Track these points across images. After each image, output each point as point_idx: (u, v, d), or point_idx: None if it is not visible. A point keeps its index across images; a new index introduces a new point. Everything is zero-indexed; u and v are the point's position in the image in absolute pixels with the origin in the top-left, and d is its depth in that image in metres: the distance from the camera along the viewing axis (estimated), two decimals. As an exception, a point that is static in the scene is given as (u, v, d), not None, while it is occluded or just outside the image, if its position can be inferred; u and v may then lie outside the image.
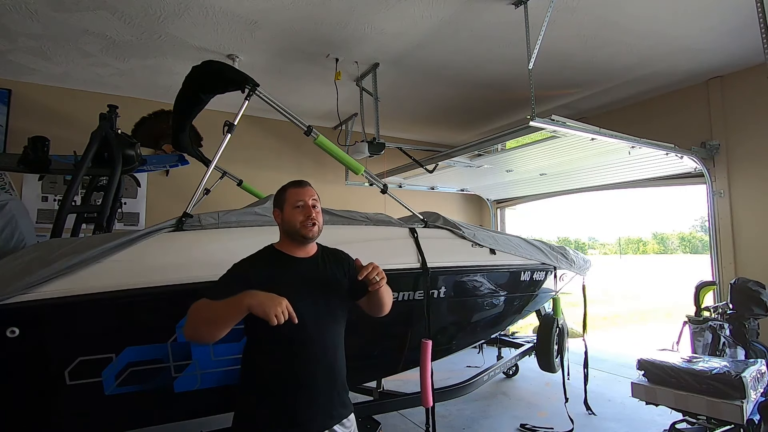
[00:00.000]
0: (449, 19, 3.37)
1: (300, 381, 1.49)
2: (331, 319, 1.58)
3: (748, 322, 3.39)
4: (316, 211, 1.60)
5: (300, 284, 1.54)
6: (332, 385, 1.56)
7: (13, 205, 2.07)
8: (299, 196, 1.61)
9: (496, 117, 5.88)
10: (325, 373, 1.54)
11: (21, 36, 3.52)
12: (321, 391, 1.52)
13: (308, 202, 1.60)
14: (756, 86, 4.21)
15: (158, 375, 1.83)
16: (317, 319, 1.53)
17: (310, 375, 1.51)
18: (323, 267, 1.63)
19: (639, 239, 67.20)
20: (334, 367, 1.56)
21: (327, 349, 1.55)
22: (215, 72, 2.22)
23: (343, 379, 1.61)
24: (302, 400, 1.49)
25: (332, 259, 1.68)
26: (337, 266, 1.66)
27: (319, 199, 1.67)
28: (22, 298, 1.57)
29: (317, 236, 1.61)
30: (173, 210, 2.10)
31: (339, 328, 1.62)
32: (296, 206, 1.59)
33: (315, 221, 1.58)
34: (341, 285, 1.63)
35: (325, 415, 1.53)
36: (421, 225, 2.71)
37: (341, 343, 1.62)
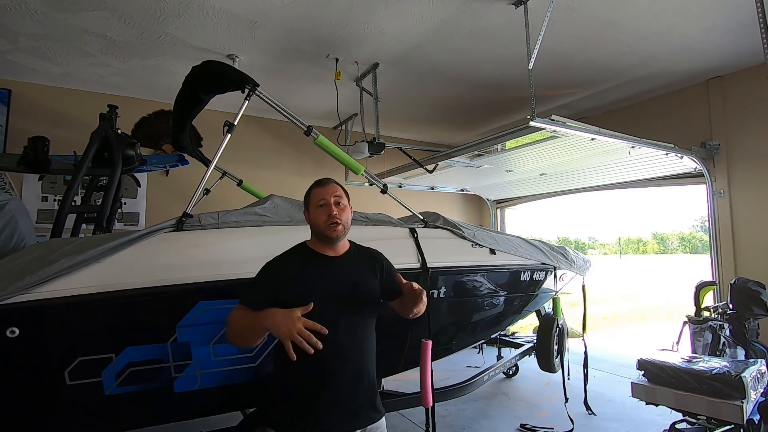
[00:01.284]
0: (449, 19, 3.37)
1: (325, 380, 1.48)
2: (359, 318, 1.57)
3: (748, 322, 3.39)
4: (339, 208, 1.58)
5: (329, 283, 1.54)
6: (358, 386, 1.52)
7: (13, 205, 2.07)
8: (321, 194, 1.60)
9: (496, 117, 5.88)
10: (352, 374, 1.51)
11: (21, 36, 3.52)
12: (346, 392, 1.50)
13: (330, 200, 1.58)
14: (756, 86, 4.21)
15: (158, 375, 1.83)
16: (344, 319, 1.52)
17: (335, 375, 1.49)
18: (354, 266, 1.62)
19: (639, 239, 67.24)
20: (361, 367, 1.54)
21: (354, 348, 1.53)
22: (215, 72, 2.22)
23: (372, 381, 1.58)
24: (326, 400, 1.47)
25: (364, 258, 1.67)
26: (370, 266, 1.65)
27: (346, 194, 1.65)
28: (22, 298, 1.56)
29: (342, 235, 1.59)
30: (173, 210, 2.10)
31: (367, 329, 1.60)
32: (319, 206, 1.59)
33: (338, 220, 1.56)
34: (372, 285, 1.61)
35: (350, 416, 1.50)
36: (421, 225, 2.71)
37: (370, 344, 1.60)
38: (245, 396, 2.17)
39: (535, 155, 4.44)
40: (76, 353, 1.69)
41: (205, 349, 1.90)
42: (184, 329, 1.84)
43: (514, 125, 3.43)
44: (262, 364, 2.03)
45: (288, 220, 2.26)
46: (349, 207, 1.65)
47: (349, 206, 1.65)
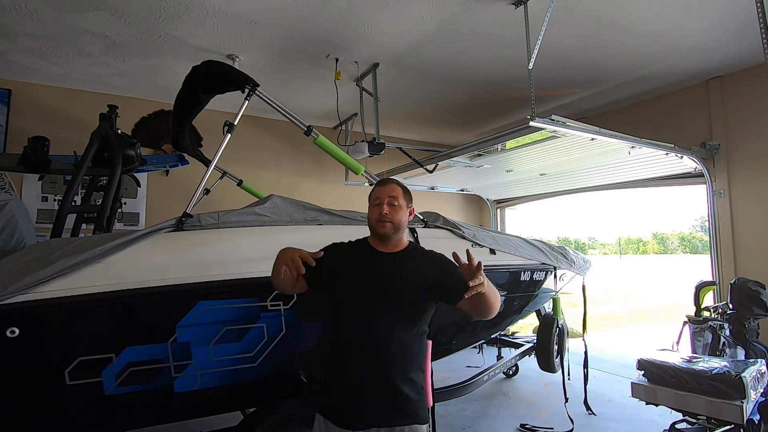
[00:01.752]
0: (449, 19, 3.37)
1: (347, 372, 1.53)
2: (392, 318, 1.56)
3: (748, 322, 3.39)
4: (392, 208, 1.63)
5: (369, 278, 1.60)
6: (383, 384, 1.51)
7: (13, 205, 2.07)
8: (378, 193, 1.67)
9: (496, 117, 5.88)
10: (377, 371, 1.51)
11: (21, 36, 3.52)
12: (370, 387, 1.51)
13: (384, 199, 1.64)
14: (756, 86, 4.21)
15: (158, 375, 1.83)
16: (379, 313, 1.55)
17: (358, 368, 1.52)
18: (403, 266, 1.63)
19: (639, 239, 67.23)
20: (388, 366, 1.52)
21: (381, 346, 1.53)
22: (215, 72, 2.22)
23: (404, 384, 1.52)
24: (349, 390, 1.52)
25: (419, 261, 1.67)
26: (423, 269, 1.64)
27: (404, 195, 1.69)
28: (22, 298, 1.56)
29: (391, 232, 1.63)
30: (173, 210, 2.10)
31: (402, 330, 1.57)
32: (375, 204, 1.67)
33: (388, 219, 1.61)
34: (417, 288, 1.59)
35: (374, 414, 1.50)
36: (421, 225, 2.71)
37: (405, 346, 1.56)
38: (245, 396, 2.17)
39: (535, 155, 4.44)
40: (76, 353, 1.69)
41: (205, 349, 1.90)
42: (184, 329, 1.84)
43: (514, 125, 3.43)
44: (262, 364, 2.03)
45: (288, 220, 2.26)
46: (405, 208, 1.68)
47: (405, 207, 1.68)
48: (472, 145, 4.15)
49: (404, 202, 1.68)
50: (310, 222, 2.33)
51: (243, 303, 1.96)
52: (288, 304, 2.04)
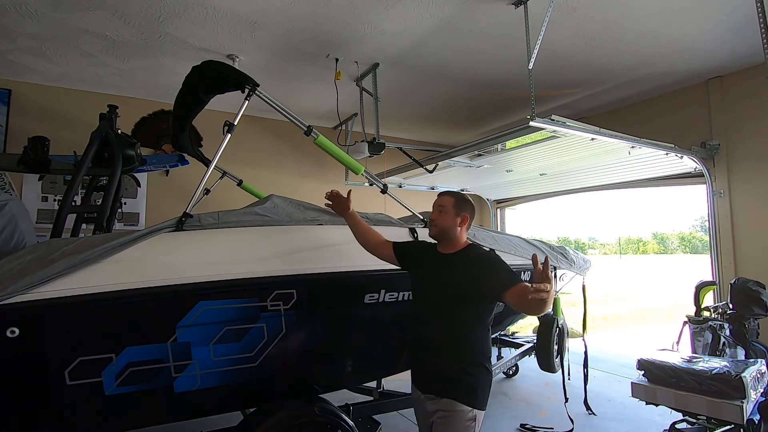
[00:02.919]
0: (449, 19, 3.37)
1: (417, 349, 1.94)
2: (442, 309, 1.83)
3: (748, 322, 3.40)
4: (439, 214, 1.94)
5: (428, 272, 1.94)
6: (441, 364, 1.82)
7: (13, 205, 2.07)
8: (434, 202, 2.00)
9: (496, 117, 5.88)
10: (434, 352, 1.84)
11: (21, 36, 3.52)
12: (431, 363, 1.86)
13: (435, 207, 1.97)
14: (756, 86, 4.21)
15: (158, 375, 1.83)
16: (434, 304, 1.87)
17: (421, 347, 1.91)
18: (453, 265, 1.87)
19: (639, 239, 67.20)
20: (442, 349, 1.81)
21: (429, 331, 1.86)
22: (215, 72, 2.21)
23: (457, 369, 1.78)
24: (419, 363, 1.94)
25: (469, 261, 1.86)
26: (475, 268, 1.81)
27: (455, 204, 1.94)
28: (22, 298, 1.56)
29: (435, 234, 1.94)
30: (173, 210, 2.10)
31: (448, 320, 1.81)
32: (432, 213, 1.99)
33: (434, 224, 1.94)
34: (462, 287, 1.79)
35: (432, 378, 1.84)
36: (421, 225, 2.71)
37: (456, 334, 1.80)
38: (245, 396, 2.18)
39: (535, 155, 4.44)
40: (76, 353, 1.69)
41: (205, 349, 1.90)
42: (184, 329, 1.84)
43: (514, 125, 3.43)
44: (262, 364, 2.03)
45: (288, 220, 2.26)
46: (453, 215, 1.92)
47: (454, 214, 1.92)
48: (472, 145, 4.15)
49: (453, 210, 1.93)
50: (310, 222, 2.33)
51: (243, 303, 1.96)
52: (288, 304, 2.04)
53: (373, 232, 2.19)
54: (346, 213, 2.18)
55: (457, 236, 1.93)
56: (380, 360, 2.58)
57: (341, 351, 2.38)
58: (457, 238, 1.94)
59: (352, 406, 2.63)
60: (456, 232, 1.93)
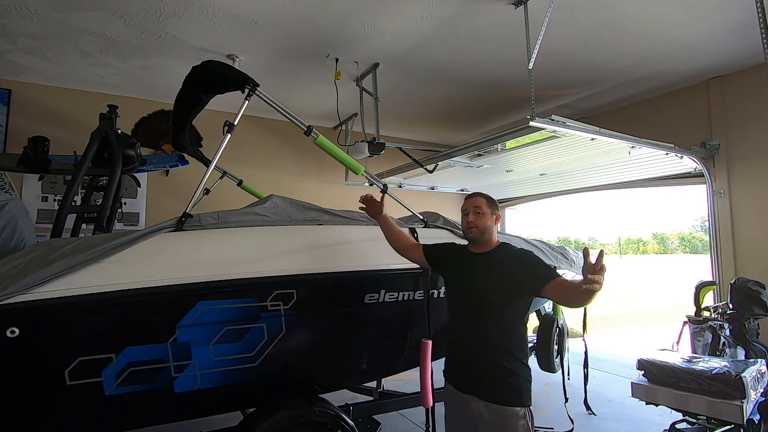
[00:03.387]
0: (449, 19, 3.37)
1: (453, 346, 1.97)
2: (479, 308, 1.85)
3: (748, 322, 3.39)
4: (477, 216, 1.94)
5: (462, 271, 1.96)
6: (478, 362, 1.82)
7: (13, 205, 2.07)
8: (466, 205, 2.01)
9: (496, 117, 5.88)
10: (473, 349, 1.84)
11: (21, 36, 3.52)
12: (469, 361, 1.86)
13: (470, 209, 1.97)
14: (756, 86, 4.21)
15: (158, 375, 1.83)
16: (470, 303, 1.88)
17: (458, 344, 1.93)
18: (490, 264, 1.88)
19: (639, 239, 67.18)
20: (478, 348, 1.82)
21: (472, 329, 1.85)
22: (215, 72, 2.21)
23: (500, 367, 1.77)
24: (455, 359, 1.96)
25: (508, 259, 1.88)
26: (510, 265, 1.84)
27: (488, 204, 1.97)
28: (22, 298, 1.56)
29: (478, 236, 1.94)
30: (173, 210, 2.10)
31: (489, 319, 1.82)
32: (464, 214, 2.00)
33: (473, 225, 1.94)
34: (499, 285, 1.80)
35: (475, 380, 1.82)
36: (421, 225, 2.71)
37: (494, 333, 1.81)
38: (245, 396, 2.18)
39: (535, 155, 4.44)
40: (76, 353, 1.69)
41: (205, 349, 1.90)
42: (184, 329, 1.84)
43: (514, 125, 3.43)
44: (262, 364, 2.03)
45: (288, 220, 2.26)
46: (489, 214, 1.95)
47: (490, 214, 1.96)
48: (472, 145, 4.15)
49: (488, 210, 1.96)
50: (310, 222, 2.33)
51: (243, 303, 1.96)
52: (288, 304, 2.04)
53: (405, 235, 2.26)
54: (379, 216, 2.24)
55: (493, 235, 1.97)
56: (380, 360, 2.58)
57: (341, 351, 2.38)
58: (492, 237, 1.97)
59: (352, 406, 2.63)
60: (492, 231, 1.97)
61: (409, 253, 2.18)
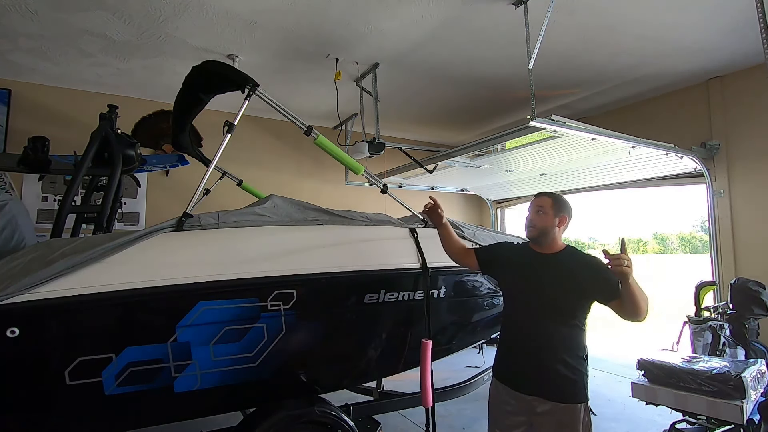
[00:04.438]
0: (449, 19, 3.37)
1: (511, 345, 1.96)
2: (545, 308, 1.83)
3: (748, 322, 3.39)
4: (537, 215, 1.95)
5: (524, 271, 1.94)
6: (542, 364, 1.81)
7: (13, 205, 2.07)
8: (531, 203, 2.02)
9: (496, 117, 5.88)
10: (534, 350, 1.83)
11: (21, 36, 3.52)
12: (528, 362, 1.84)
13: (533, 208, 1.99)
14: (756, 86, 4.21)
15: (158, 375, 1.83)
16: (527, 303, 1.88)
17: (517, 344, 1.91)
18: (554, 265, 1.87)
19: (639, 239, 67.14)
20: (544, 348, 1.81)
21: (534, 330, 1.85)
22: (215, 72, 2.21)
23: (558, 366, 1.78)
24: (512, 359, 1.93)
25: (573, 262, 1.88)
26: (577, 269, 1.84)
27: (553, 205, 1.96)
28: (22, 298, 1.56)
29: (535, 235, 1.95)
30: (173, 210, 2.10)
31: (554, 320, 1.82)
32: (528, 211, 2.02)
33: (533, 224, 1.95)
34: (567, 286, 1.81)
35: (532, 381, 1.82)
36: (421, 225, 2.70)
37: (559, 333, 1.81)
38: (245, 396, 2.17)
39: (535, 155, 4.44)
40: (76, 353, 1.69)
41: (205, 349, 1.90)
42: (184, 329, 1.84)
43: (514, 125, 3.43)
44: (262, 364, 2.03)
45: (288, 220, 2.26)
46: (552, 216, 1.94)
47: (553, 215, 1.94)
48: (472, 145, 4.15)
49: (552, 211, 1.95)
50: (310, 222, 2.33)
51: (243, 303, 1.96)
52: (288, 304, 2.04)
53: (461, 243, 2.27)
54: (441, 224, 2.24)
55: (555, 237, 1.95)
56: (380, 360, 2.58)
57: (341, 351, 2.37)
58: (555, 238, 1.95)
59: (352, 406, 2.63)
60: (555, 232, 1.94)
61: (463, 259, 2.21)
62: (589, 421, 1.80)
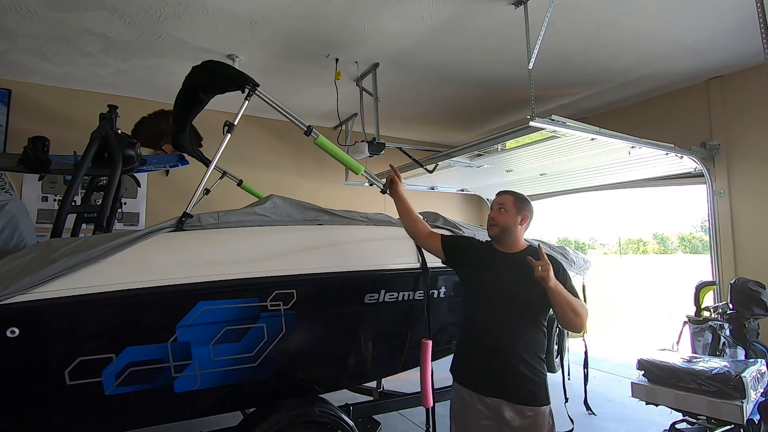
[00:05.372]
0: (449, 19, 3.37)
1: (473, 347, 1.90)
2: (508, 307, 1.82)
3: (748, 322, 3.39)
4: (499, 213, 1.93)
5: (487, 270, 1.90)
6: (505, 364, 1.77)
7: (13, 205, 2.07)
8: (493, 201, 2.01)
9: (496, 117, 5.88)
10: (497, 350, 1.79)
11: (21, 36, 3.52)
12: (491, 364, 1.80)
13: (495, 206, 1.97)
14: (756, 86, 4.21)
15: (158, 375, 1.83)
16: (497, 304, 1.84)
17: (480, 345, 1.86)
18: (516, 264, 1.83)
19: (639, 239, 67.16)
20: (508, 350, 1.78)
21: (501, 331, 1.81)
22: (215, 72, 2.22)
23: (528, 366, 1.76)
24: (474, 362, 1.87)
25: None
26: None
27: (515, 203, 1.94)
28: (22, 298, 1.56)
29: (497, 234, 1.93)
30: (173, 210, 2.10)
31: (517, 319, 1.81)
32: (491, 210, 2.00)
33: (495, 222, 1.93)
34: (528, 287, 1.77)
35: (505, 383, 1.77)
36: (421, 225, 2.70)
37: (522, 333, 1.80)
38: (245, 396, 2.18)
39: (535, 155, 4.43)
40: (76, 353, 1.69)
41: (205, 349, 1.90)
42: (184, 329, 1.84)
43: (514, 125, 3.43)
44: (262, 364, 2.03)
45: (288, 220, 2.26)
46: (514, 213, 1.92)
47: (515, 213, 1.92)
48: (472, 145, 4.15)
49: (514, 209, 1.93)
50: (310, 222, 2.33)
51: (243, 303, 1.96)
52: (288, 304, 2.04)
53: (422, 221, 2.18)
54: (399, 196, 2.17)
55: (518, 235, 1.94)
56: (380, 360, 2.58)
57: (341, 351, 2.38)
58: (518, 237, 1.94)
59: (352, 406, 2.63)
60: (517, 231, 1.93)
61: (425, 241, 2.13)
62: (553, 424, 1.80)
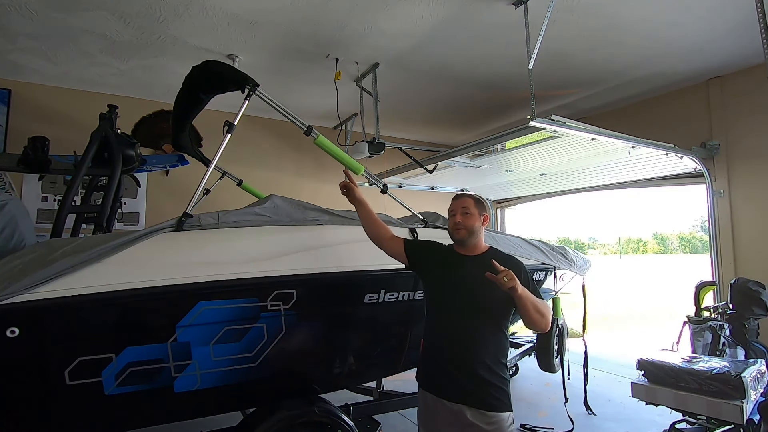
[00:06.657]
0: (449, 19, 3.37)
1: (435, 351, 1.88)
2: (470, 311, 1.81)
3: (748, 322, 3.39)
4: (465, 217, 1.90)
5: (452, 275, 1.89)
6: (468, 369, 1.76)
7: (13, 205, 2.07)
8: (453, 206, 1.97)
9: (496, 117, 5.88)
10: (460, 355, 1.78)
11: (21, 36, 3.52)
12: (461, 369, 1.78)
13: (458, 210, 1.93)
14: (756, 86, 4.21)
15: (158, 375, 1.83)
16: (455, 308, 1.83)
17: (445, 350, 1.83)
18: (479, 267, 1.79)
19: (639, 239, 67.18)
20: (470, 355, 1.77)
21: (461, 334, 1.80)
22: (215, 72, 2.21)
23: (491, 372, 1.76)
24: (437, 366, 1.86)
25: (502, 265, 1.81)
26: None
27: (476, 205, 1.93)
28: (22, 298, 1.56)
29: (465, 237, 1.90)
30: (173, 210, 2.10)
31: (481, 324, 1.80)
32: (451, 215, 1.97)
33: (461, 225, 1.90)
34: (493, 290, 1.73)
35: (468, 388, 1.76)
36: (421, 225, 2.71)
37: (487, 339, 1.80)
38: (245, 396, 2.18)
39: (535, 155, 4.43)
40: (76, 353, 1.69)
41: (205, 349, 1.90)
42: (184, 329, 1.84)
43: (514, 125, 3.43)
44: (262, 364, 2.03)
45: (288, 220, 2.26)
46: (477, 215, 1.92)
47: (478, 215, 1.92)
48: (472, 145, 4.15)
49: (476, 211, 1.92)
50: (310, 222, 2.33)
51: (243, 303, 1.96)
52: (288, 304, 2.04)
53: (384, 225, 2.14)
54: (358, 201, 2.10)
55: (480, 237, 1.94)
56: (380, 360, 2.58)
57: (341, 351, 2.38)
58: (480, 239, 1.95)
59: (352, 406, 2.64)
60: (481, 232, 1.94)
61: (387, 245, 2.06)
62: (515, 430, 1.79)
